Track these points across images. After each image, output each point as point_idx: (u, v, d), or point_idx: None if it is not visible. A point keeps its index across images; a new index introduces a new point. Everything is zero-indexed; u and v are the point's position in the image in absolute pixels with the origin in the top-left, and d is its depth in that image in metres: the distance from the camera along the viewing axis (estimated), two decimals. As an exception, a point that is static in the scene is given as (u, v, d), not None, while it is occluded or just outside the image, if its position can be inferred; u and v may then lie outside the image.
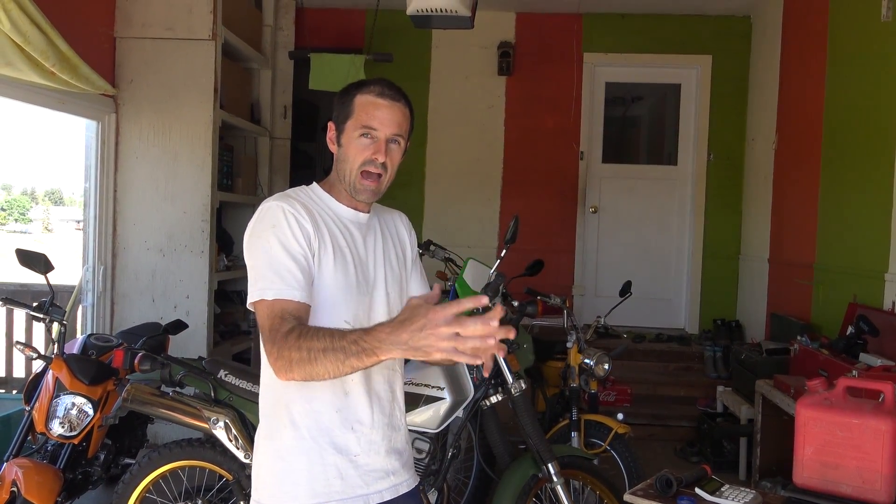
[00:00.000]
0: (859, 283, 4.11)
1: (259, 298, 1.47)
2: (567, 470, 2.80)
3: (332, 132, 1.66)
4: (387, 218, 1.79)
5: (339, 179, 1.66)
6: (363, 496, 1.57)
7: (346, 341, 1.29)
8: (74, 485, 3.11)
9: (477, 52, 6.32)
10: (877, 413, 1.85)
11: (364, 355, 1.27)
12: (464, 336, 1.18)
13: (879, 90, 3.98)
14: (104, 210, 4.42)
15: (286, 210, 1.53)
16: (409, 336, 1.21)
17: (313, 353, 1.31)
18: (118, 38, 4.45)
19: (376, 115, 1.60)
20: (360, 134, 1.60)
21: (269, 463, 1.57)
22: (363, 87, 1.63)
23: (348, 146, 1.61)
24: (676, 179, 6.44)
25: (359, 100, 1.61)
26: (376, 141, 1.60)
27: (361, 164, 1.60)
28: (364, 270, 1.62)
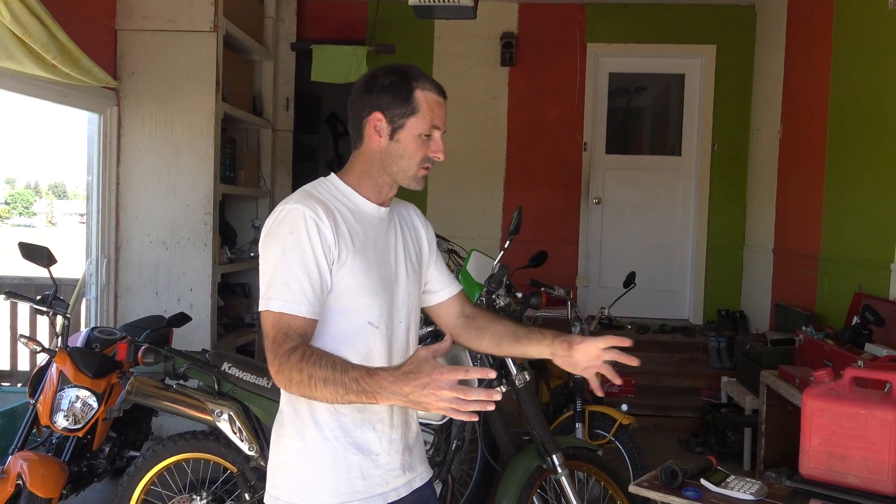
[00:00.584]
0: (864, 274, 4.09)
1: (265, 308, 1.46)
2: (571, 461, 2.80)
3: (381, 123, 1.57)
4: (402, 211, 1.76)
5: (378, 171, 1.60)
6: (382, 494, 1.57)
7: (347, 377, 1.31)
8: (79, 477, 3.12)
9: (479, 43, 6.29)
10: (883, 403, 1.84)
11: (364, 395, 1.30)
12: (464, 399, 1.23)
13: (885, 80, 3.95)
14: (107, 203, 4.41)
15: (307, 216, 1.48)
16: (412, 390, 1.25)
17: (314, 381, 1.34)
18: (119, 30, 4.43)
19: (440, 114, 1.60)
20: (427, 134, 1.58)
21: (290, 461, 1.56)
22: (419, 80, 1.58)
23: (408, 142, 1.57)
24: (680, 170, 6.42)
25: (422, 96, 1.57)
26: (436, 140, 1.60)
27: (422, 161, 1.59)
28: (386, 269, 1.60)
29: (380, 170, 1.60)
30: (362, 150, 1.61)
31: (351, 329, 1.54)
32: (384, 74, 1.59)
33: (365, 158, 1.61)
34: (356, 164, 1.63)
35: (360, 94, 1.60)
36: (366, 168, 1.61)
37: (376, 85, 1.58)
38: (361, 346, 1.54)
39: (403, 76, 1.58)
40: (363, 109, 1.59)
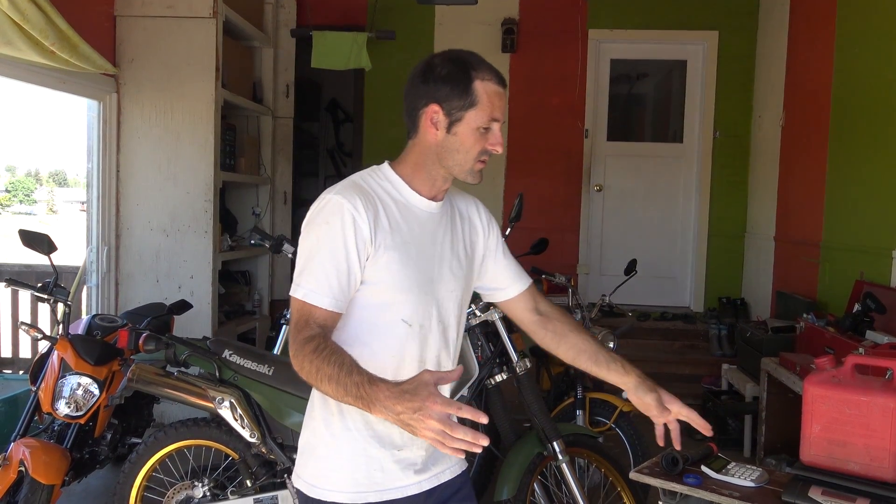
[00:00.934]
0: (866, 261, 4.09)
1: (292, 293, 1.47)
2: (572, 448, 2.80)
3: (438, 115, 1.51)
4: (461, 205, 1.70)
5: (432, 164, 1.55)
6: (401, 488, 1.56)
7: (350, 380, 1.31)
8: (82, 464, 3.13)
9: (480, 30, 6.26)
10: (885, 390, 1.84)
11: (360, 402, 1.30)
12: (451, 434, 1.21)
13: (889, 67, 3.93)
14: (107, 191, 4.40)
15: (345, 208, 1.46)
16: (403, 410, 1.23)
17: (320, 375, 1.35)
18: (118, 16, 4.41)
19: (500, 105, 1.53)
20: (485, 126, 1.51)
21: (313, 444, 1.58)
22: (478, 69, 1.52)
23: (466, 135, 1.51)
24: (682, 157, 6.40)
25: (482, 87, 1.50)
26: (494, 132, 1.54)
27: (480, 153, 1.53)
28: (427, 266, 1.55)
29: (434, 162, 1.55)
30: (417, 140, 1.56)
31: (384, 324, 1.52)
32: (442, 63, 1.52)
33: (419, 150, 1.56)
34: (410, 154, 1.58)
35: (416, 83, 1.55)
36: (420, 160, 1.57)
37: (433, 74, 1.52)
38: (394, 343, 1.53)
39: (462, 66, 1.51)
40: (419, 100, 1.54)
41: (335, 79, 6.95)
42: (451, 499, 1.65)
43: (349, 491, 1.53)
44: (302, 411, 2.64)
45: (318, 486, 1.55)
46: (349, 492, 1.53)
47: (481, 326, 2.94)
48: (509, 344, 2.90)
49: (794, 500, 1.79)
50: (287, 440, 2.75)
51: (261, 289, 5.56)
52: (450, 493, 1.64)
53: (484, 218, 1.74)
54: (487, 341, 3.01)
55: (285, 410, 2.69)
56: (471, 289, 1.70)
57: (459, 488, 1.67)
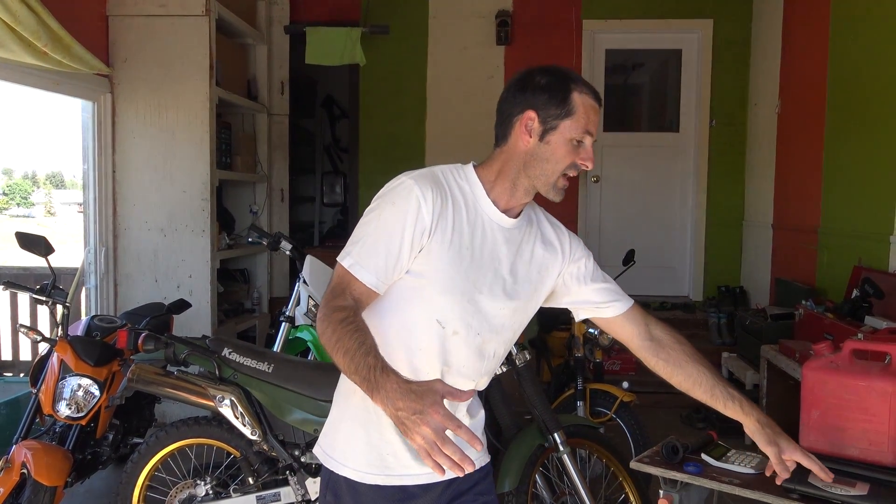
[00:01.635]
0: (864, 247, 4.09)
1: (340, 259, 1.48)
2: (573, 439, 2.81)
3: (534, 123, 1.51)
4: (545, 230, 1.68)
5: (516, 173, 1.54)
6: (412, 475, 1.56)
7: (364, 361, 1.31)
8: (84, 465, 3.13)
9: (475, 22, 6.24)
10: (883, 375, 1.84)
11: (365, 384, 1.30)
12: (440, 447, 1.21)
13: (884, 52, 3.92)
14: (103, 191, 4.40)
15: (415, 195, 1.45)
16: (404, 407, 1.24)
17: (339, 346, 1.35)
18: (110, 16, 4.40)
19: (595, 120, 1.52)
20: (579, 139, 1.51)
21: (335, 417, 1.63)
22: (578, 84, 1.52)
23: (558, 145, 1.50)
24: (679, 146, 6.39)
25: (580, 100, 1.50)
26: (586, 148, 1.53)
27: (568, 167, 1.52)
28: (478, 277, 1.52)
29: (520, 171, 1.54)
30: (505, 148, 1.56)
31: (419, 317, 1.51)
32: (542, 74, 1.53)
33: (506, 157, 1.56)
34: (496, 161, 1.57)
35: (513, 91, 1.55)
36: (505, 168, 1.56)
37: (532, 83, 1.53)
38: (424, 338, 1.51)
39: (562, 76, 1.52)
40: (515, 107, 1.54)
41: (330, 75, 6.94)
42: (470, 491, 1.64)
43: (361, 470, 1.55)
44: (302, 408, 2.67)
45: (333, 457, 1.59)
46: (360, 470, 1.55)
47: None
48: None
49: (795, 485, 1.79)
50: (288, 437, 2.75)
51: (260, 286, 5.56)
52: (469, 485, 1.64)
53: (567, 245, 1.70)
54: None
55: (286, 407, 2.69)
56: (529, 312, 1.66)
57: (478, 481, 1.66)
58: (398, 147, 6.27)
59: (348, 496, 1.55)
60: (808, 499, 1.80)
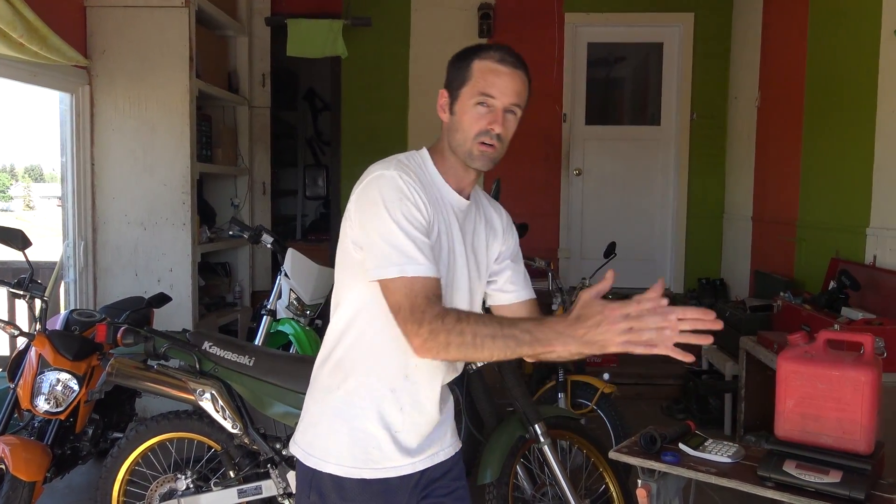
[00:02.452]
0: (841, 239, 4.14)
1: (399, 276, 1.39)
2: (554, 430, 2.83)
3: (443, 99, 1.57)
4: (487, 210, 1.71)
5: (450, 150, 1.57)
6: (396, 468, 1.57)
7: (517, 329, 1.30)
8: (63, 460, 3.11)
9: (457, 15, 6.23)
10: (856, 365, 1.87)
11: (538, 345, 1.28)
12: (639, 329, 1.21)
13: (861, 46, 3.97)
14: (82, 184, 4.36)
15: (410, 184, 1.46)
16: (586, 332, 1.23)
17: (479, 339, 1.31)
18: (88, 6, 4.34)
19: (496, 82, 1.51)
20: (478, 102, 1.51)
21: (314, 413, 1.59)
22: (482, 51, 1.53)
23: (463, 114, 1.53)
24: (660, 139, 6.43)
25: (477, 65, 1.52)
26: (493, 110, 1.51)
27: (477, 135, 1.52)
28: (450, 260, 1.55)
29: (448, 147, 1.57)
30: (442, 127, 1.60)
31: None
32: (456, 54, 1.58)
33: (442, 136, 1.60)
34: (438, 143, 1.61)
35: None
36: (441, 146, 1.60)
37: (448, 66, 1.58)
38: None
39: (469, 51, 1.56)
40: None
41: (312, 67, 6.91)
42: (443, 478, 1.66)
43: (345, 465, 1.54)
44: (284, 401, 2.66)
45: (314, 455, 1.56)
46: (345, 465, 1.54)
47: (461, 312, 2.95)
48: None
49: (769, 473, 1.82)
50: (269, 430, 2.75)
51: (241, 280, 5.53)
52: (441, 472, 1.66)
53: (505, 222, 1.74)
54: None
55: (267, 401, 2.69)
56: (482, 289, 1.69)
57: (451, 468, 1.68)
58: (380, 140, 6.25)
59: (334, 493, 1.54)
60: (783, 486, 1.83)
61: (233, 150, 5.41)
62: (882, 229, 3.70)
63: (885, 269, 3.61)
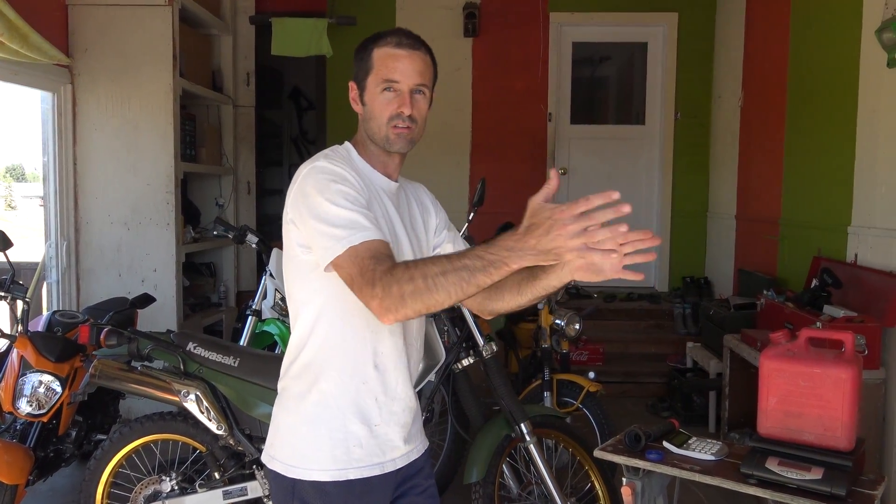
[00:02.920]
0: (823, 237, 4.18)
1: (346, 247, 1.37)
2: (540, 429, 2.83)
3: (353, 92, 1.61)
4: (410, 189, 1.75)
5: (369, 140, 1.60)
6: (380, 464, 1.57)
7: (467, 258, 1.24)
8: (46, 463, 3.09)
9: (442, 14, 6.23)
10: (837, 362, 1.89)
11: (492, 268, 1.22)
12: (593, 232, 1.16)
13: (842, 45, 4.00)
14: (64, 184, 4.32)
15: (342, 169, 1.49)
16: (537, 241, 1.18)
17: (430, 280, 1.26)
18: (70, 5, 4.30)
19: (397, 66, 1.53)
20: (383, 89, 1.54)
21: (290, 424, 1.57)
22: (379, 39, 1.57)
23: (372, 103, 1.56)
24: (644, 139, 6.46)
25: (377, 53, 1.55)
26: (400, 94, 1.54)
27: (389, 120, 1.54)
28: (395, 245, 1.55)
29: (366, 136, 1.61)
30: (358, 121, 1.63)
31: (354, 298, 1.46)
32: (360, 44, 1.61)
33: (359, 128, 1.63)
34: (358, 134, 1.64)
35: None
36: (360, 137, 1.63)
37: (355, 56, 1.60)
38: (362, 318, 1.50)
39: (368, 41, 1.59)
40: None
41: (297, 66, 6.87)
42: (417, 476, 1.67)
43: (329, 468, 1.53)
44: (269, 402, 2.65)
45: (296, 465, 1.54)
46: (329, 469, 1.53)
47: (447, 312, 2.95)
48: (475, 328, 2.92)
49: (752, 471, 1.84)
50: (255, 431, 2.74)
51: (226, 280, 5.51)
52: (414, 471, 1.67)
53: (434, 202, 1.80)
54: (453, 326, 3.03)
55: (252, 401, 2.68)
56: None
57: (423, 466, 1.70)
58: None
59: (318, 500, 1.53)
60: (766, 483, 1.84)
61: (217, 149, 5.38)
62: (863, 228, 3.73)
63: (866, 267, 3.65)
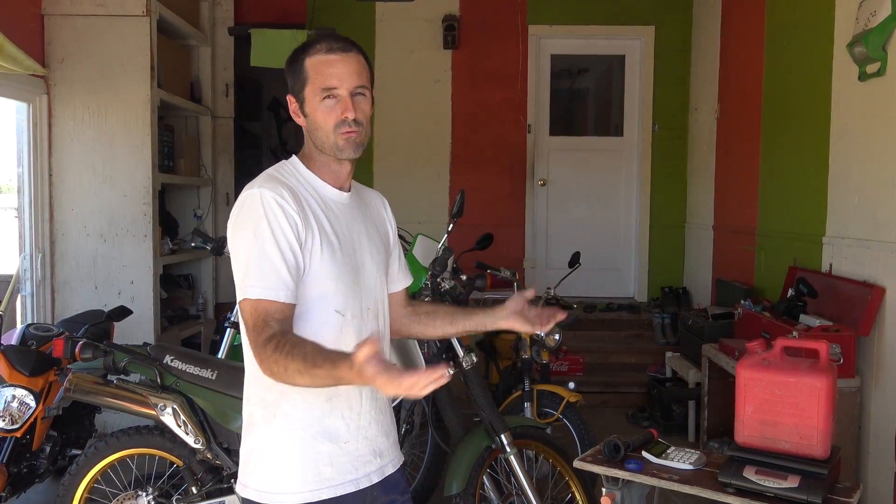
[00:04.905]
0: (798, 247, 4.23)
1: (243, 297, 1.44)
2: (520, 440, 2.83)
3: (293, 105, 1.58)
4: (366, 197, 1.74)
5: (318, 151, 1.58)
6: (353, 480, 1.56)
7: (319, 372, 1.31)
8: (19, 478, 3.04)
9: (421, 26, 6.26)
10: (812, 371, 1.92)
11: (335, 382, 1.33)
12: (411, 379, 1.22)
13: (815, 58, 4.08)
14: (39, 195, 4.26)
15: (274, 199, 1.46)
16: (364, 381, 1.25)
17: (289, 372, 1.35)
18: (46, 15, 4.27)
19: (332, 72, 1.52)
20: (324, 97, 1.53)
21: (259, 450, 1.56)
22: (309, 48, 1.55)
23: (314, 113, 1.54)
24: (623, 150, 6.51)
25: (309, 62, 1.54)
26: (341, 99, 1.53)
27: (335, 127, 1.53)
28: (350, 255, 1.57)
29: (314, 148, 1.59)
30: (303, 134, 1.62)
31: (318, 316, 1.52)
32: (290, 56, 1.59)
33: (305, 141, 1.61)
34: (305, 147, 1.62)
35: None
36: (308, 150, 1.61)
37: (286, 69, 1.59)
38: (331, 335, 1.52)
39: (298, 51, 1.58)
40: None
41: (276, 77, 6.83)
42: (392, 492, 1.67)
43: (301, 491, 1.52)
44: (247, 415, 2.62)
45: (268, 490, 1.53)
46: (301, 491, 1.52)
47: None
48: (455, 340, 2.91)
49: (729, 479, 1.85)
50: (233, 444, 2.71)
51: (205, 292, 5.46)
52: (390, 485, 1.66)
53: (388, 210, 1.80)
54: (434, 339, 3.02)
55: (230, 414, 2.65)
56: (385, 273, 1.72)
57: (398, 482, 1.69)
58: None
59: None
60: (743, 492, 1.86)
61: (196, 160, 5.35)
62: (837, 238, 3.79)
63: (840, 276, 3.70)
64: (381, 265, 1.67)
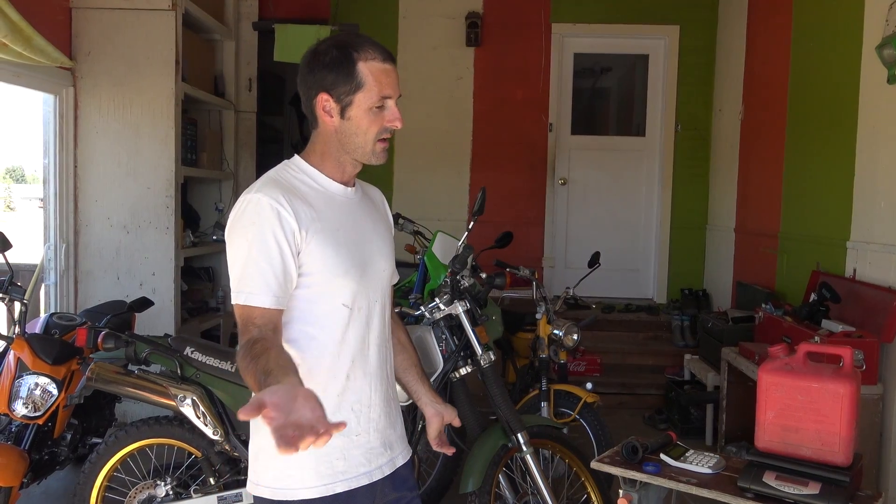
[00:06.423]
0: (822, 251, 4.18)
1: (234, 302, 1.47)
2: (536, 439, 2.82)
3: (328, 104, 1.53)
4: (370, 192, 1.75)
5: (341, 152, 1.57)
6: (367, 473, 1.58)
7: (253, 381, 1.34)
8: (41, 465, 3.08)
9: (444, 23, 6.25)
10: (835, 377, 1.89)
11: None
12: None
13: (843, 61, 4.02)
14: (64, 186, 4.32)
15: (269, 205, 1.46)
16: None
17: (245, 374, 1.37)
18: (74, 8, 4.32)
19: (388, 81, 1.53)
20: (377, 105, 1.52)
21: (269, 448, 1.54)
22: (361, 52, 1.51)
23: (361, 118, 1.52)
24: (644, 150, 6.47)
25: (367, 68, 1.51)
26: (390, 108, 1.54)
27: (379, 133, 1.54)
28: (357, 249, 1.58)
29: (339, 149, 1.57)
30: (319, 131, 1.58)
31: (326, 311, 1.53)
32: (325, 50, 1.53)
33: (323, 139, 1.58)
34: (316, 144, 1.60)
35: (304, 73, 1.56)
36: (325, 149, 1.58)
37: (318, 63, 1.53)
38: (337, 329, 1.54)
39: (345, 49, 1.52)
40: (309, 90, 1.55)
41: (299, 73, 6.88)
42: (402, 487, 1.68)
43: (316, 485, 1.53)
44: (265, 408, 2.64)
45: (282, 487, 1.53)
46: (316, 485, 1.53)
47: (445, 320, 2.95)
48: (473, 337, 2.90)
49: (749, 485, 1.83)
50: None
51: (224, 285, 5.50)
52: (400, 481, 1.67)
53: (388, 207, 1.81)
54: (452, 335, 3.02)
55: (249, 407, 2.67)
56: (394, 267, 1.73)
57: (407, 477, 1.70)
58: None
59: None
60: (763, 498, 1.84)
61: (218, 154, 5.38)
62: (862, 243, 3.74)
63: (864, 282, 3.65)
64: (389, 258, 1.68)
